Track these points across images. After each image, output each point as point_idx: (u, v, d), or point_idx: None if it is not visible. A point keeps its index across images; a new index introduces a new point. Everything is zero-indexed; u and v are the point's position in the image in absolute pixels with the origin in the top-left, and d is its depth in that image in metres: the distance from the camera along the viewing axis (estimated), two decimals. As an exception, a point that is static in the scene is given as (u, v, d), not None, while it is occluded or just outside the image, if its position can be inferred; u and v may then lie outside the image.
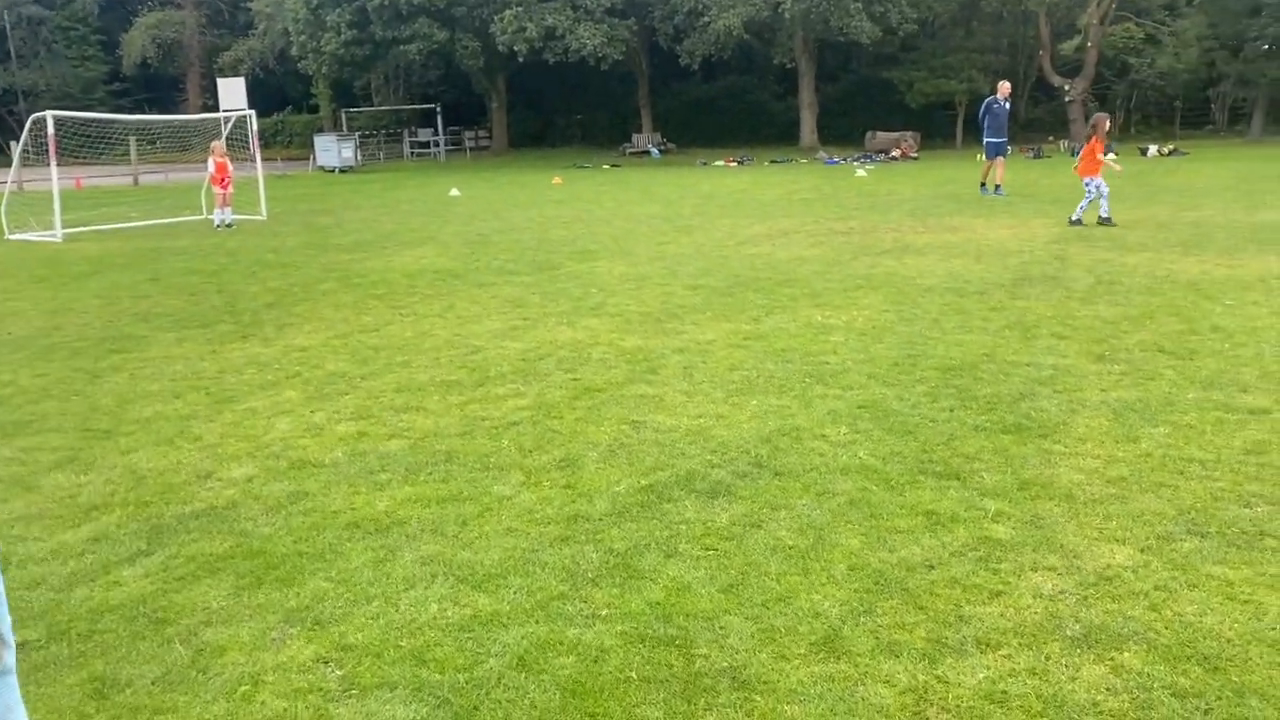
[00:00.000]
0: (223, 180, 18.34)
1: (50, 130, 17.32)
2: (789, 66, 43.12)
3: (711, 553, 4.13)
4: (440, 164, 43.40)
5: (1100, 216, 14.46)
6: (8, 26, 52.74)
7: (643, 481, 4.97)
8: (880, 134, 38.86)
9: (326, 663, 3.39)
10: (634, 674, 3.25)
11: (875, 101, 44.21)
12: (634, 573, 3.97)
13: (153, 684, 3.29)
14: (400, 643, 3.50)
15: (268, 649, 3.49)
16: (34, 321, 9.73)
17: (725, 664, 3.29)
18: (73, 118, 20.92)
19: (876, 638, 3.42)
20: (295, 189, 28.98)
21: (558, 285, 10.93)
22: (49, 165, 17.77)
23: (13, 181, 20.06)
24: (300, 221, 19.31)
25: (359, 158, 40.72)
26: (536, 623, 3.60)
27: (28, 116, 18.85)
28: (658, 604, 3.70)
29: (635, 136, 45.25)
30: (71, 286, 11.91)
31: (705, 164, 36.02)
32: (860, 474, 4.95)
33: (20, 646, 3.55)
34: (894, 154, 36.06)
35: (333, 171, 37.97)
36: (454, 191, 25.52)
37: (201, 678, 3.32)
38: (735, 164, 35.57)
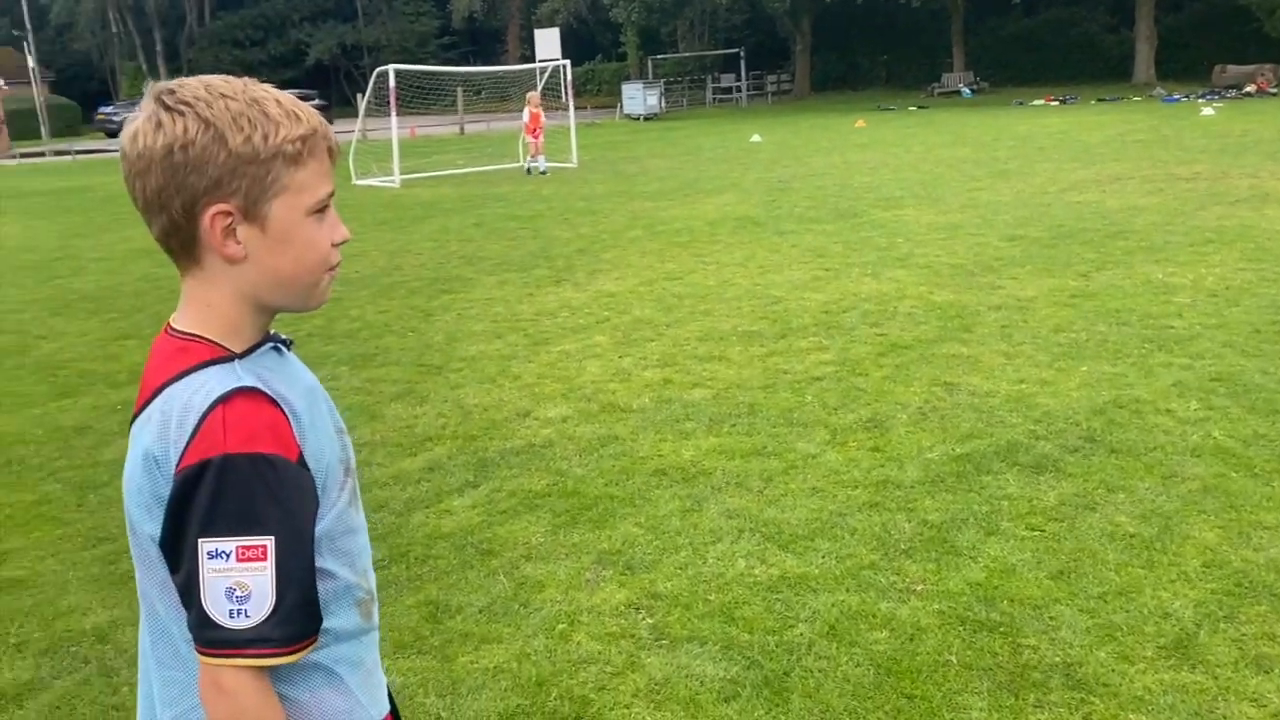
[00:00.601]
0: (534, 130, 19.24)
1: (391, 83, 18.85)
2: (1125, -5, 39.19)
3: (1037, 534, 3.82)
4: (742, 109, 43.39)
5: None
6: (356, -12, 57.95)
7: (957, 449, 4.69)
8: (1232, 68, 34.57)
9: (638, 609, 3.45)
10: (953, 658, 3.06)
11: (1225, 31, 39.31)
12: (950, 548, 3.75)
13: (479, 612, 3.49)
14: (709, 596, 3.50)
15: (582, 589, 3.61)
16: (377, 262, 10.66)
17: (1057, 659, 3.02)
18: (409, 70, 22.65)
19: (1240, 648, 3.02)
20: (603, 136, 29.97)
21: (861, 234, 10.59)
22: (389, 116, 19.38)
23: (359, 131, 22.06)
24: (609, 169, 19.93)
25: (663, 104, 41.47)
26: (847, 591, 3.49)
27: (371, 70, 20.60)
28: (978, 585, 3.47)
29: (945, 76, 43.01)
30: (409, 229, 12.95)
31: (1022, 103, 33.65)
32: (1215, 457, 4.40)
33: (367, 565, 3.87)
34: (1248, 89, 32.00)
35: (638, 119, 38.92)
36: (755, 137, 25.41)
37: (523, 611, 3.48)
38: (1057, 103, 32.95)
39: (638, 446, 4.98)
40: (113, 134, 44.60)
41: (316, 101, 41.84)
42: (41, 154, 37.41)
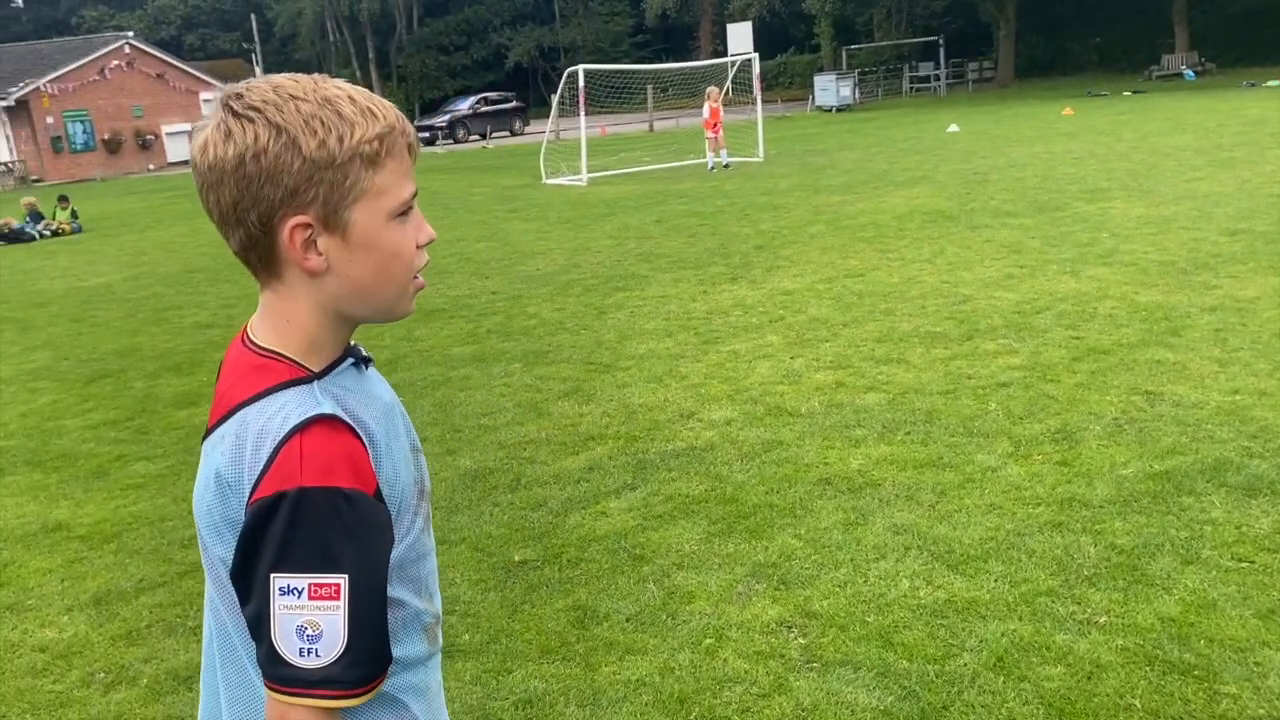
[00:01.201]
0: (714, 125, 19.14)
1: (581, 83, 19.17)
2: (1379, -40, 35.33)
3: (1245, 565, 3.41)
4: (940, 99, 41.81)
5: None
6: (554, -10, 59.48)
7: (1156, 466, 4.27)
8: None
9: (790, 627, 3.29)
10: (1137, 701, 2.75)
11: None
12: (1141, 577, 3.39)
13: (627, 621, 3.41)
14: (867, 618, 3.30)
15: (733, 602, 3.48)
16: (557, 259, 10.83)
17: (1261, 711, 2.67)
18: (599, 70, 23.00)
19: None
20: (792, 130, 29.54)
21: (1061, 229, 9.92)
22: (579, 115, 19.73)
23: (551, 131, 22.58)
24: (795, 162, 19.60)
25: (857, 95, 40.49)
26: (1020, 619, 3.21)
27: (566, 72, 21.00)
28: (1171, 620, 3.12)
29: (1165, 58, 40.00)
30: (590, 227, 13.11)
31: (1254, 85, 30.88)
32: None
33: (520, 565, 3.88)
34: None
35: (830, 110, 38.16)
36: (952, 127, 24.39)
37: (670, 623, 3.38)
38: (1294, 84, 30.06)
39: (803, 453, 4.79)
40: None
41: (514, 104, 43.47)
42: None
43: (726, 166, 19.15)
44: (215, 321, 9.06)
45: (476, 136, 40.40)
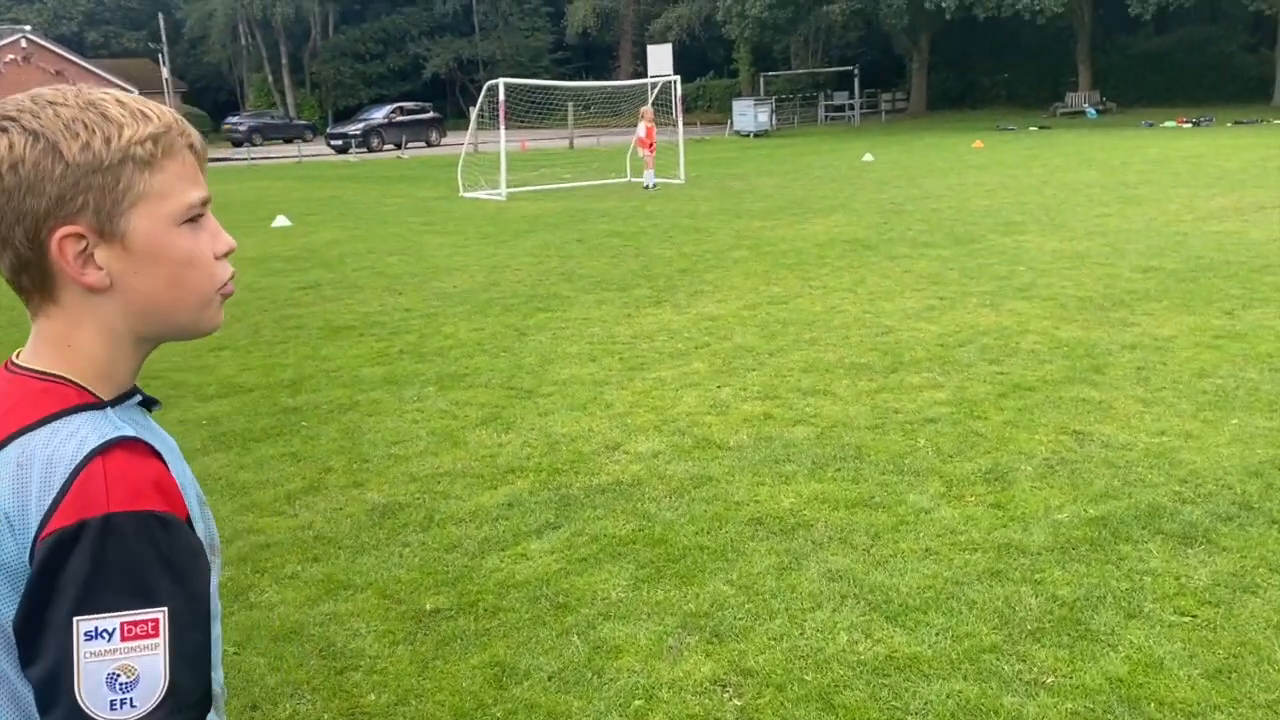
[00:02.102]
0: (650, 144, 19.07)
1: (501, 96, 18.89)
2: (1267, 13, 37.17)
3: (1189, 620, 3.32)
4: (854, 128, 42.58)
5: None
6: (473, 2, 58.96)
7: (1091, 511, 4.19)
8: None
9: (724, 686, 3.08)
10: (1091, 774, 2.61)
11: (1380, 50, 36.95)
12: (1085, 632, 3.28)
13: (549, 679, 3.16)
14: (805, 676, 3.11)
15: (664, 657, 3.26)
16: (476, 276, 10.52)
17: (1219, 785, 2.55)
18: (520, 84, 22.73)
19: None
20: (711, 153, 29.66)
21: (979, 261, 10.00)
22: (498, 128, 19.42)
23: (469, 144, 22.20)
24: (716, 186, 19.60)
25: (774, 122, 40.96)
26: (964, 678, 3.05)
27: (486, 84, 20.69)
28: (1120, 681, 3.00)
29: (1069, 95, 41.46)
30: (510, 244, 12.82)
31: (1152, 125, 32.17)
32: (1401, 537, 3.82)
33: (432, 614, 3.60)
34: (1403, 113, 29.92)
35: (748, 135, 38.50)
36: (867, 156, 24.75)
37: (596, 681, 3.14)
38: (1190, 125, 31.38)
39: (733, 490, 4.60)
40: (238, 143, 46.22)
41: (430, 114, 42.86)
42: (170, 161, 38.89)
43: (650, 187, 19.06)
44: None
45: (391, 146, 39.68)
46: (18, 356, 1.06)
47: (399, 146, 39.50)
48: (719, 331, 7.64)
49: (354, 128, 40.75)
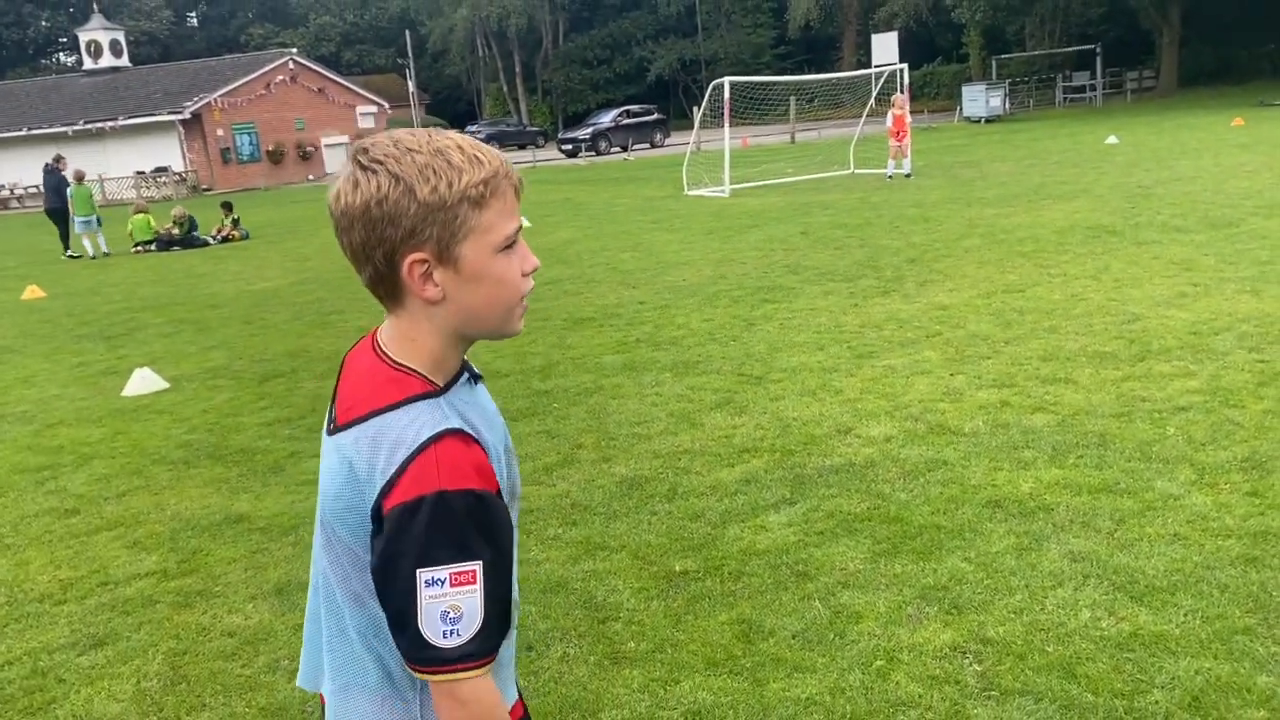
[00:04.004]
0: (898, 133, 18.88)
1: (726, 95, 19.19)
2: None
3: None
4: (1096, 109, 40.17)
5: None
6: (696, 2, 59.73)
7: (1363, 501, 3.97)
8: None
9: (964, 653, 3.19)
10: (1355, 756, 2.56)
11: None
12: (1353, 620, 3.16)
13: (793, 638, 3.37)
14: (1046, 648, 3.17)
15: (903, 624, 3.40)
16: (703, 270, 10.85)
17: None
18: (743, 82, 22.96)
19: None
20: (939, 141, 28.86)
21: (1238, 246, 9.37)
22: (723, 127, 19.74)
23: (694, 143, 22.67)
24: (943, 174, 19.13)
25: (1007, 106, 39.26)
26: (1215, 657, 3.03)
27: (708, 83, 21.07)
28: (1390, 669, 2.89)
29: (1348, 65, 37.44)
30: (734, 239, 13.08)
31: None
32: None
33: (681, 575, 3.89)
34: None
35: (978, 121, 37.12)
36: (1111, 139, 23.38)
37: (839, 642, 3.32)
38: None
39: (969, 474, 4.65)
40: (476, 150, 48.90)
41: (655, 116, 43.83)
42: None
43: (908, 176, 18.87)
44: (377, 325, 9.39)
45: (618, 148, 40.89)
46: (380, 334, 1.37)
47: (625, 149, 40.65)
48: (951, 320, 7.58)
49: (583, 132, 42.27)
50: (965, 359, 6.53)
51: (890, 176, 18.95)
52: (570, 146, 41.41)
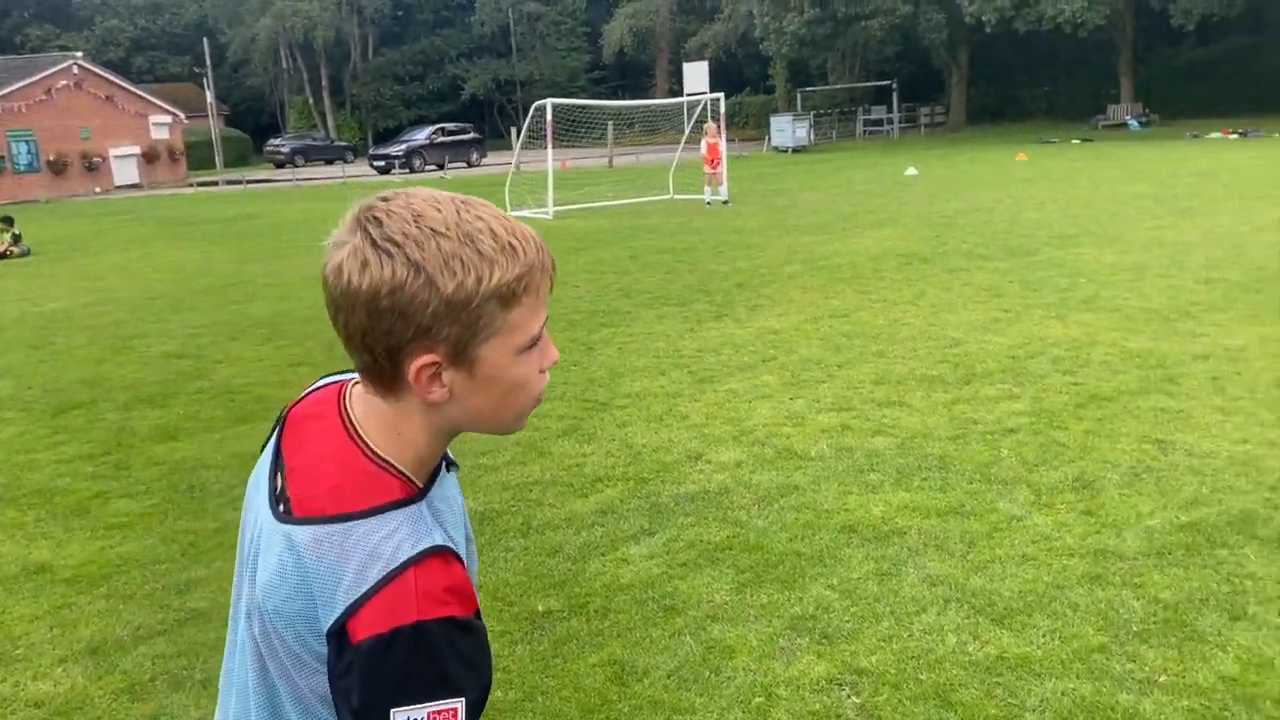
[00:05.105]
0: (713, 160, 19.22)
1: (549, 116, 19.13)
2: (1312, 21, 36.78)
3: (1296, 622, 3.36)
4: (893, 142, 42.56)
5: None
6: (510, 23, 59.64)
7: (1182, 518, 4.23)
8: None
9: (840, 685, 3.16)
10: (1216, 769, 2.67)
11: None
12: (1192, 633, 3.33)
13: (668, 677, 3.26)
14: (920, 675, 3.18)
15: (777, 658, 3.35)
16: (535, 292, 10.66)
17: (1346, 780, 2.60)
18: (565, 104, 22.98)
19: None
20: (751, 169, 29.77)
21: (1038, 273, 10.02)
22: (544, 148, 19.65)
23: (514, 163, 22.48)
24: (759, 202, 19.70)
25: (812, 137, 41.02)
26: (1077, 677, 3.12)
27: (523, 104, 20.92)
28: (1233, 680, 3.05)
29: (1111, 108, 41.21)
30: (564, 261, 12.96)
31: (1197, 136, 31.88)
32: None
33: (545, 616, 3.71)
34: None
35: (786, 151, 38.59)
36: (910, 170, 24.76)
37: (715, 679, 3.24)
38: (1236, 136, 31.07)
39: (820, 498, 4.69)
40: (279, 164, 47.02)
41: (471, 135, 43.35)
42: (215, 183, 39.76)
43: (725, 202, 19.21)
44: (185, 351, 8.74)
45: (434, 166, 40.15)
46: (353, 407, 1.17)
47: (441, 167, 39.96)
48: (783, 345, 7.72)
49: (396, 149, 41.26)
50: (802, 383, 6.65)
51: (709, 203, 19.34)
52: (383, 163, 40.32)
